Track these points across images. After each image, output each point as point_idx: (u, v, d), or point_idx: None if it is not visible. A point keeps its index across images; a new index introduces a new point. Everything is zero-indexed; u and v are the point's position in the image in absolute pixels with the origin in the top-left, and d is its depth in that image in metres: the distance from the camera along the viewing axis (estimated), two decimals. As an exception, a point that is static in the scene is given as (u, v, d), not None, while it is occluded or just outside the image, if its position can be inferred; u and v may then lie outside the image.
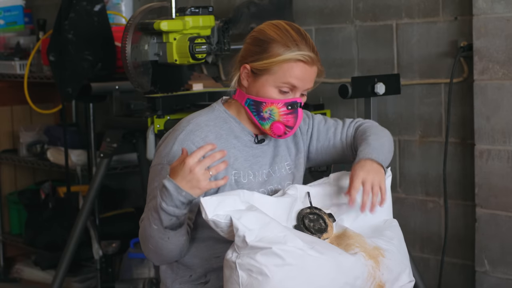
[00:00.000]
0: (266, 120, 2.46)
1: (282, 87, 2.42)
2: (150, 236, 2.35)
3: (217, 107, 2.55)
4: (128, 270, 4.25)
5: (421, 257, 3.84)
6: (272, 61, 2.40)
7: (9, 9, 5.23)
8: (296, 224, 2.38)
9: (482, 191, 3.55)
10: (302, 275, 2.21)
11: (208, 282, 2.49)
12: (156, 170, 2.43)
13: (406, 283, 2.43)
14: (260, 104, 2.45)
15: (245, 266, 2.21)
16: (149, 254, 2.44)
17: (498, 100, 3.47)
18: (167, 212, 2.28)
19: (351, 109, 4.00)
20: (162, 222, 2.30)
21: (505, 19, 3.42)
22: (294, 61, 2.40)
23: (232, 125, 2.51)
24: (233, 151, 2.48)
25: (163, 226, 2.31)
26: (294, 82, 2.42)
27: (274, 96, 2.43)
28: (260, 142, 2.54)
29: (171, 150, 2.42)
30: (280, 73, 2.41)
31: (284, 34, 2.42)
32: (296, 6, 4.13)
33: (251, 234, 2.22)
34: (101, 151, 4.03)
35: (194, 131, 2.45)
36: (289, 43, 2.40)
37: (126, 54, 3.61)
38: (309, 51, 2.41)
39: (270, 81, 2.42)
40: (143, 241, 2.40)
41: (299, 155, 2.62)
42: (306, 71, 2.42)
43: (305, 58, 2.40)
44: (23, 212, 5.09)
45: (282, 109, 2.44)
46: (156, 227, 2.32)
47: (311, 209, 2.40)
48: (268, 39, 2.42)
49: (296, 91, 2.44)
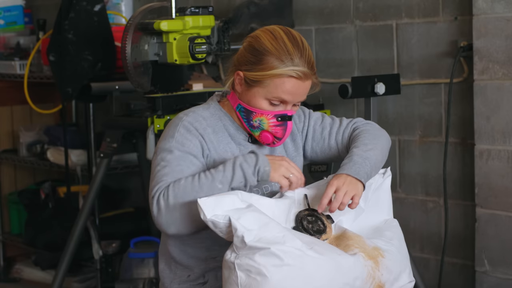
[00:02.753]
0: (255, 128, 2.47)
1: (272, 100, 2.42)
2: (205, 193, 2.30)
3: (212, 104, 2.54)
4: (128, 270, 4.25)
5: (421, 257, 3.84)
6: (265, 74, 2.39)
7: (9, 9, 5.23)
8: (294, 226, 2.37)
9: (482, 191, 3.55)
10: (301, 275, 2.21)
11: (207, 283, 2.49)
12: (166, 149, 2.39)
13: (406, 283, 2.43)
14: (251, 113, 2.45)
15: (244, 266, 2.21)
16: (174, 220, 2.33)
17: (498, 100, 3.47)
18: (245, 174, 2.32)
19: (351, 109, 4.00)
20: (233, 181, 2.33)
21: (505, 19, 3.42)
22: (286, 77, 2.39)
23: (227, 123, 2.52)
24: (229, 147, 2.49)
25: (229, 186, 2.33)
26: (285, 97, 2.41)
27: (264, 108, 2.43)
28: (254, 141, 2.54)
29: (177, 133, 2.41)
30: (272, 87, 2.40)
31: (280, 46, 2.40)
32: (296, 6, 4.13)
33: (250, 235, 2.22)
34: (101, 151, 4.03)
35: (193, 121, 2.46)
36: (283, 57, 2.39)
37: (126, 54, 3.61)
38: (303, 66, 2.39)
39: (261, 93, 2.42)
40: (181, 199, 2.31)
41: (296, 152, 2.63)
42: (299, 87, 2.41)
43: (298, 74, 2.38)
44: (23, 212, 5.09)
45: (272, 121, 2.44)
46: (221, 186, 2.32)
47: (309, 211, 2.39)
48: (263, 50, 2.41)
49: (287, 104, 2.44)
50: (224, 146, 2.47)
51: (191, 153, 2.40)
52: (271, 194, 2.51)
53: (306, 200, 2.41)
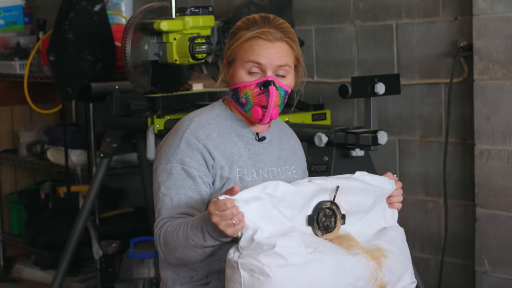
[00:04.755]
0: (245, 106, 2.48)
1: (249, 68, 2.44)
2: (183, 248, 2.33)
3: (217, 105, 2.56)
4: (128, 270, 4.25)
5: (421, 257, 3.84)
6: (235, 45, 2.46)
7: (9, 9, 5.23)
8: (310, 214, 2.35)
9: (482, 191, 3.55)
10: (304, 275, 2.21)
11: (209, 284, 2.49)
12: (166, 170, 2.43)
13: (408, 284, 2.43)
14: (237, 91, 2.48)
15: (247, 266, 2.20)
16: (171, 259, 2.41)
17: (498, 100, 3.47)
18: (213, 237, 2.27)
19: (351, 109, 4.00)
20: (205, 242, 2.29)
21: (505, 19, 3.42)
22: (252, 39, 2.43)
23: (233, 122, 2.52)
24: (236, 148, 2.49)
25: (203, 246, 2.31)
26: (257, 59, 2.43)
27: (244, 79, 2.45)
28: (261, 139, 2.55)
29: (179, 149, 2.43)
30: (243, 54, 2.44)
31: (249, 20, 2.48)
32: (296, 6, 4.13)
33: (262, 232, 2.21)
34: (101, 151, 4.03)
35: (197, 129, 2.46)
36: (251, 26, 2.45)
37: (126, 54, 3.60)
38: (269, 28, 2.44)
39: (238, 65, 2.46)
40: (169, 248, 2.37)
41: (304, 159, 2.68)
42: (268, 47, 2.43)
43: (264, 35, 2.42)
44: (23, 212, 5.09)
45: (255, 90, 2.45)
46: (194, 244, 2.31)
47: (331, 203, 2.38)
48: (235, 30, 2.49)
49: (266, 70, 2.44)
50: (231, 148, 2.48)
51: (191, 174, 2.41)
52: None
53: (335, 192, 2.39)
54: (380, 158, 3.77)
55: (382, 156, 3.80)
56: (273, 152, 2.57)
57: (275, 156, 2.57)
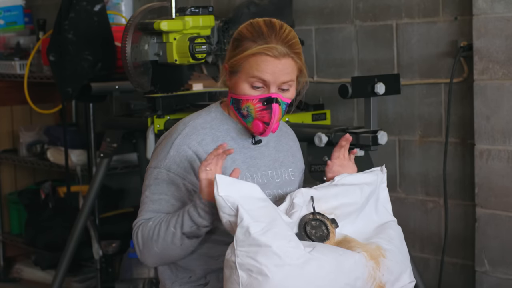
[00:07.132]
0: (246, 118, 2.47)
1: (252, 82, 2.42)
2: (162, 239, 2.36)
3: (214, 108, 2.55)
4: (128, 270, 4.25)
5: (421, 257, 3.84)
6: (240, 57, 2.41)
7: (9, 9, 5.23)
8: (297, 232, 2.35)
9: (482, 191, 3.55)
10: (302, 275, 2.20)
11: (208, 284, 2.49)
12: (153, 174, 2.45)
13: (406, 284, 2.43)
14: (239, 102, 2.46)
15: (245, 266, 2.20)
16: (148, 257, 2.43)
17: (498, 100, 3.47)
18: (191, 218, 2.32)
19: (351, 109, 4.00)
20: (183, 226, 2.33)
21: (505, 19, 3.42)
22: (259, 55, 2.39)
23: (230, 126, 2.51)
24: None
25: (181, 231, 2.33)
26: (262, 76, 2.40)
27: (247, 92, 2.43)
28: (257, 143, 2.53)
29: (168, 155, 2.44)
30: (248, 68, 2.41)
31: (254, 30, 2.43)
32: (296, 6, 4.13)
33: (257, 226, 2.20)
34: (101, 151, 4.03)
35: (190, 134, 2.46)
36: (257, 39, 2.41)
37: (126, 54, 3.60)
38: (276, 43, 2.40)
39: (242, 78, 2.43)
40: (147, 243, 2.40)
41: (302, 160, 2.67)
42: (274, 64, 2.40)
43: (271, 51, 2.39)
44: (23, 212, 5.09)
45: (258, 105, 2.43)
46: (174, 231, 2.34)
47: (314, 214, 2.37)
48: (240, 37, 2.44)
49: (270, 86, 2.42)
50: None
51: (175, 182, 2.43)
52: (272, 197, 2.51)
53: (312, 203, 2.39)
54: (380, 158, 3.77)
55: (382, 156, 3.80)
56: (269, 155, 2.56)
57: (270, 159, 2.56)
